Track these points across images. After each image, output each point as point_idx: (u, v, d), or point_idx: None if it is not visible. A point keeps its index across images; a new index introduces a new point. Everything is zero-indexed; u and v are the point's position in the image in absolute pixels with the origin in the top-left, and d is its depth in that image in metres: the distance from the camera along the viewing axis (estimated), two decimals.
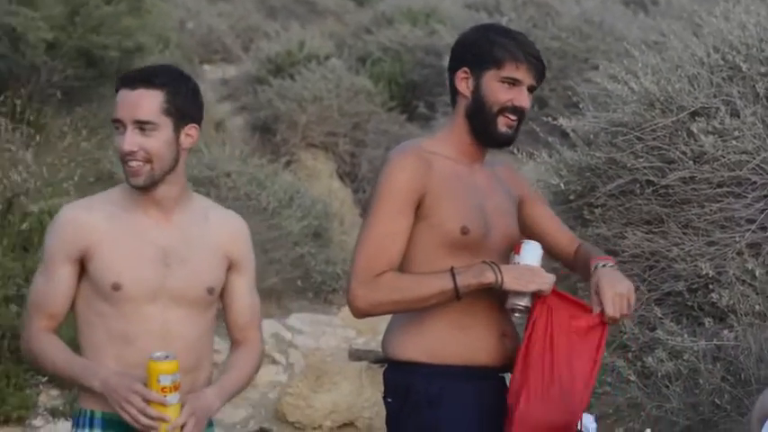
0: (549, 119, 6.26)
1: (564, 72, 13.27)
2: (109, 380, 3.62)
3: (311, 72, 14.53)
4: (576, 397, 3.80)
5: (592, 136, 6.17)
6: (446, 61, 4.09)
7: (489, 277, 3.78)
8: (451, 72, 4.01)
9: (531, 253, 3.86)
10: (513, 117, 3.92)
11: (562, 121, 6.14)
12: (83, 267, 3.76)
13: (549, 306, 3.84)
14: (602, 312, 3.81)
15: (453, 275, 3.78)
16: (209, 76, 16.23)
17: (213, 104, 14.03)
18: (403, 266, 3.86)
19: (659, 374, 5.40)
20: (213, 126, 13.05)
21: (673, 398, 5.36)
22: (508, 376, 3.94)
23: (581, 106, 6.43)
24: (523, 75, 3.93)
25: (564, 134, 6.42)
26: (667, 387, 5.39)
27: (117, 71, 10.75)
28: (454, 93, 4.00)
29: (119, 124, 3.73)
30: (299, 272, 10.76)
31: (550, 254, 4.08)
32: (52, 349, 3.73)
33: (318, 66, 14.77)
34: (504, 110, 3.91)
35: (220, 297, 3.92)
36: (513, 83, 3.92)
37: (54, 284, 3.75)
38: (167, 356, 3.61)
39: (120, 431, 3.70)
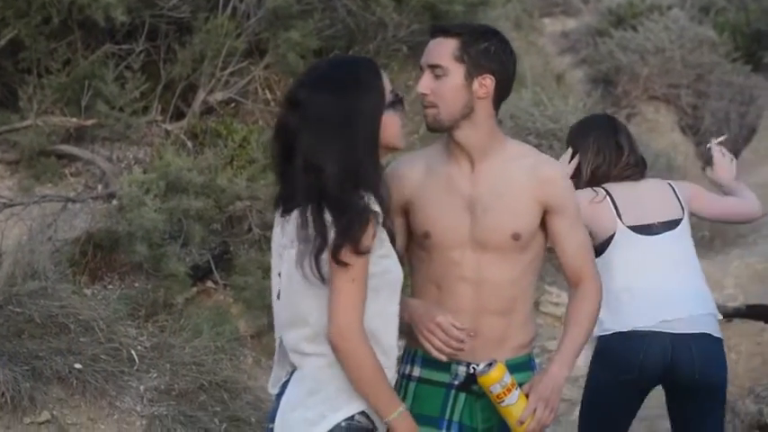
0: None
1: None
2: (414, 311, 3.76)
3: (653, 23, 14.29)
4: None
5: None
6: None
7: None
8: None
9: None
10: None
11: None
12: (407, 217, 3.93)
13: None
14: None
15: None
16: (550, 29, 16.19)
17: (554, 57, 14.02)
18: None
19: None
20: (554, 79, 13.03)
21: None
22: None
23: None
24: None
25: None
26: None
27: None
28: None
29: (421, 71, 3.87)
30: None
31: None
32: None
33: (661, 16, 14.50)
34: None
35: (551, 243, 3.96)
36: None
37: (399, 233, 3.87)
38: (489, 364, 3.72)
39: (436, 368, 3.88)
